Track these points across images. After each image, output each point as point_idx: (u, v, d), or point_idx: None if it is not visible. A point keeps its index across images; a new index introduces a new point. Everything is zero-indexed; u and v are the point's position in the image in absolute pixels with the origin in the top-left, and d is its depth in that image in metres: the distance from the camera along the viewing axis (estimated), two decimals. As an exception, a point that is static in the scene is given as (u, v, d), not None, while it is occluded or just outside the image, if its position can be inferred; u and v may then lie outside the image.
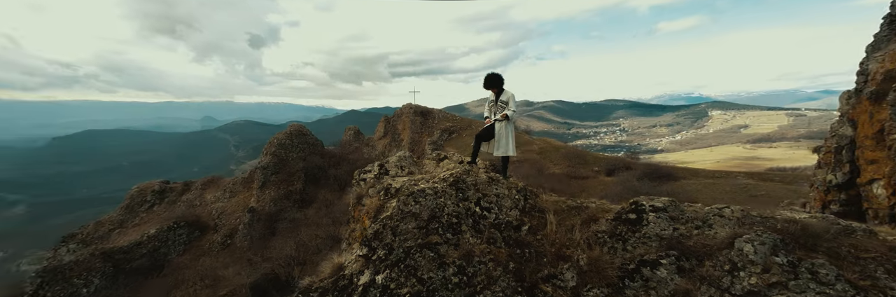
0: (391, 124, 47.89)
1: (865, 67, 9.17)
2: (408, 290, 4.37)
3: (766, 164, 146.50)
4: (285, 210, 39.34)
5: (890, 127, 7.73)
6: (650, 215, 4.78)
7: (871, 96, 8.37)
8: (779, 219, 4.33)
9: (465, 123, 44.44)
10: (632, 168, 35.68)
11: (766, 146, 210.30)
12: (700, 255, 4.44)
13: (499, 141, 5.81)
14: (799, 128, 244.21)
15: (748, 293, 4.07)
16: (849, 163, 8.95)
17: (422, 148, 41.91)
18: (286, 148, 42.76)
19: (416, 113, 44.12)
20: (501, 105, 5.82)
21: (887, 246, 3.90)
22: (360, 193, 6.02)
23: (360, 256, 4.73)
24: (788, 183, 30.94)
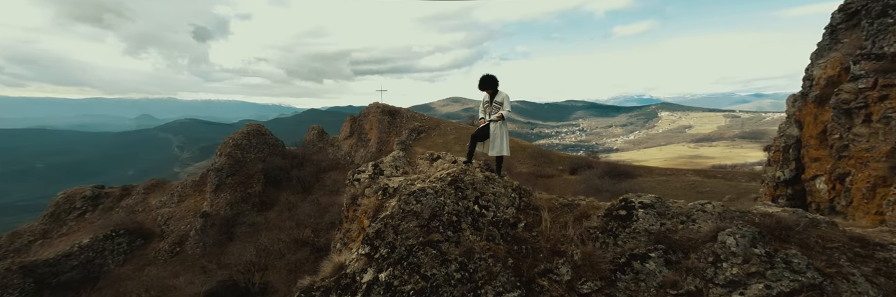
0: (357, 124, 47.23)
1: (810, 72, 10.27)
2: (411, 287, 4.45)
3: (707, 162, 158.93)
4: (243, 214, 37.69)
5: (832, 128, 8.71)
6: (639, 211, 5.12)
7: (815, 100, 9.39)
8: (755, 213, 4.79)
9: (434, 122, 44.60)
10: (593, 167, 37.27)
11: (708, 145, 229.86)
12: (686, 248, 4.81)
13: (494, 141, 5.97)
14: (734, 128, 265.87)
15: (730, 283, 4.46)
16: (795, 161, 9.96)
17: (390, 148, 41.61)
18: (243, 148, 41.07)
19: (383, 112, 43.82)
20: (496, 106, 5.98)
21: (848, 236, 4.43)
22: (354, 193, 6.02)
23: (363, 254, 4.75)
24: (729, 180, 33.73)
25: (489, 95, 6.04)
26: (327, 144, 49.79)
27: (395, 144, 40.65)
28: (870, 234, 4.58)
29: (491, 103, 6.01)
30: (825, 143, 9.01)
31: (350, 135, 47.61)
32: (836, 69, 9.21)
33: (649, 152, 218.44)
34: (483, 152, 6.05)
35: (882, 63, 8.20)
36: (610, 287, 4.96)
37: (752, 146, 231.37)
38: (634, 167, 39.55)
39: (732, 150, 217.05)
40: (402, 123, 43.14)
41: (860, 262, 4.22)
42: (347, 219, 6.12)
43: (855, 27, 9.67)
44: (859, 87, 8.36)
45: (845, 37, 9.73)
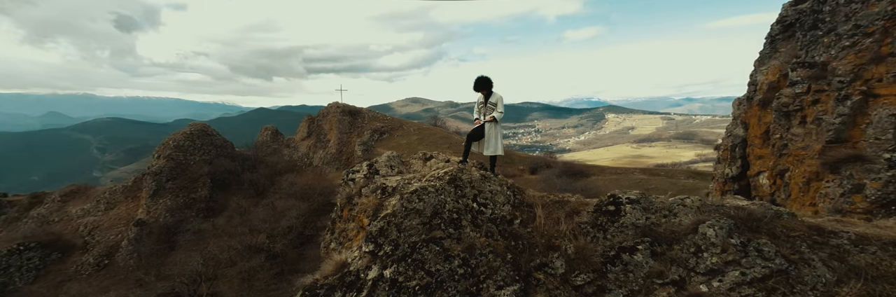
0: (316, 124, 45.84)
1: (754, 78, 11.52)
2: (417, 282, 4.58)
3: (649, 161, 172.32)
4: (187, 221, 35.38)
5: (774, 128, 9.84)
6: (626, 206, 5.52)
7: (759, 103, 10.57)
8: (728, 206, 5.33)
9: (397, 123, 44.29)
10: (551, 166, 38.77)
11: (648, 146, 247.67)
12: (670, 240, 5.26)
13: (488, 141, 6.19)
14: (670, 130, 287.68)
15: (710, 271, 4.95)
16: (741, 159, 11.14)
17: (351, 149, 40.79)
18: (186, 150, 38.54)
19: (344, 112, 42.89)
20: (490, 107, 6.21)
21: (806, 226, 5.07)
22: (350, 193, 6.05)
23: (367, 252, 4.79)
24: (670, 177, 36.87)
25: (484, 96, 6.25)
26: (282, 146, 47.85)
27: (356, 145, 39.95)
28: (823, 223, 5.27)
29: (485, 104, 6.23)
30: (768, 142, 10.18)
31: (308, 136, 46.12)
32: (776, 75, 10.41)
33: (598, 152, 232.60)
34: (478, 152, 6.24)
35: (814, 71, 9.39)
36: (601, 279, 5.31)
37: (685, 146, 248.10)
38: (588, 167, 41.66)
39: (669, 150, 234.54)
40: (364, 124, 42.48)
41: (818, 248, 4.85)
42: (342, 219, 6.13)
43: (790, 38, 10.98)
44: (796, 92, 9.51)
45: (783, 46, 11.01)
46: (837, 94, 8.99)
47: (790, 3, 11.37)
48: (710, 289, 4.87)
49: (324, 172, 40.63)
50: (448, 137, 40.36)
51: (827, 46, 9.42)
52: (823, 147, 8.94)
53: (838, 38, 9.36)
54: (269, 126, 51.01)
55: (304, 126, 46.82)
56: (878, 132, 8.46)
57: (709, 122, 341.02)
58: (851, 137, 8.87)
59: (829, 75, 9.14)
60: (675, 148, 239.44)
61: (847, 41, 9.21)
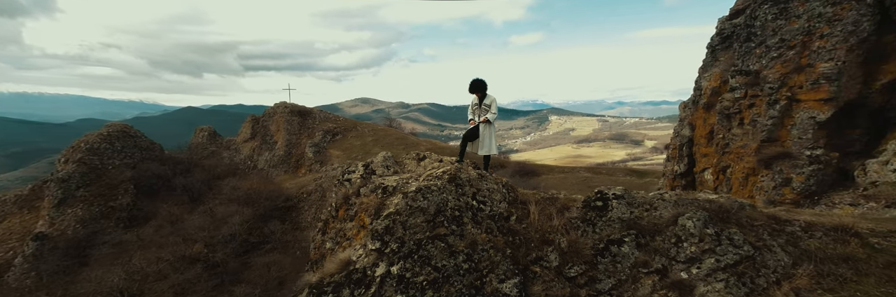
0: (261, 125, 43.39)
1: (699, 84, 12.90)
2: (424, 278, 4.72)
3: (587, 160, 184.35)
4: (104, 232, 32.04)
5: (717, 129, 11.13)
6: (613, 201, 5.97)
7: (704, 106, 11.89)
8: (701, 200, 5.95)
9: (350, 124, 43.12)
10: (505, 166, 40.15)
11: (587, 146, 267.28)
12: (652, 232, 5.77)
13: (483, 141, 6.49)
14: (604, 131, 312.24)
15: (689, 260, 5.51)
16: (688, 156, 12.45)
17: (301, 151, 39.09)
18: (103, 153, 34.88)
19: (292, 113, 40.99)
20: (485, 108, 6.50)
21: (766, 215, 5.81)
22: (346, 193, 6.10)
23: (373, 250, 4.84)
24: (611, 175, 39.83)
25: (478, 98, 6.52)
26: (222, 148, 44.69)
27: (307, 146, 38.38)
28: (777, 213, 6.07)
29: (480, 106, 6.50)
30: (712, 141, 11.46)
31: (251, 137, 43.54)
32: (718, 81, 11.75)
33: (542, 152, 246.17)
34: (472, 151, 6.43)
35: (750, 78, 10.71)
36: (592, 270, 5.70)
37: (618, 146, 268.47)
38: (538, 166, 43.51)
39: (604, 149, 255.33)
40: (315, 125, 40.91)
41: (776, 235, 5.58)
42: (337, 219, 6.09)
43: (728, 48, 12.42)
44: (735, 96, 10.79)
45: (722, 56, 12.43)
46: (768, 99, 10.36)
47: (726, 17, 12.89)
48: (689, 276, 5.43)
49: (270, 175, 38.58)
50: (404, 139, 40.14)
51: (759, 57, 10.82)
52: (758, 146, 10.24)
53: (767, 49, 10.78)
54: (205, 127, 47.39)
55: (248, 127, 44.13)
56: (800, 132, 9.88)
57: (637, 123, 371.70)
58: (780, 136, 10.26)
59: (762, 82, 10.51)
60: (610, 148, 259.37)
61: (774, 53, 10.64)
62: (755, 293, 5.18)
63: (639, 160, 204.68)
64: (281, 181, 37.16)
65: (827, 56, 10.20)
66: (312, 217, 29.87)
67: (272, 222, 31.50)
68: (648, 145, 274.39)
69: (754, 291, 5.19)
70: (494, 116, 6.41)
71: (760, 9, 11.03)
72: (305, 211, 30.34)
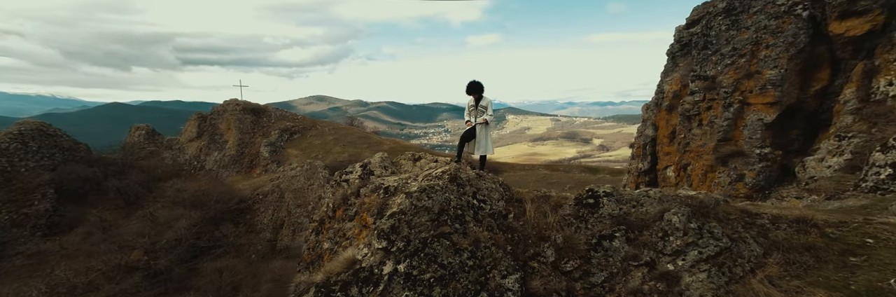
0: (209, 123, 40.91)
1: (661, 87, 13.85)
2: (431, 275, 4.83)
3: (542, 157, 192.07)
4: (16, 242, 29.08)
5: (679, 129, 12.02)
6: (604, 199, 6.27)
7: (666, 108, 12.79)
8: (682, 196, 6.40)
9: (309, 122, 41.62)
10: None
11: (541, 144, 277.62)
12: (640, 227, 6.14)
13: (479, 142, 6.68)
14: (557, 130, 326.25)
15: (675, 252, 5.91)
16: (651, 155, 13.33)
17: (255, 150, 37.27)
18: (12, 155, 31.60)
19: (245, 111, 39.00)
20: (481, 109, 6.70)
21: (739, 210, 6.36)
22: (345, 193, 6.12)
23: (380, 248, 4.89)
24: (567, 172, 41.70)
25: (475, 99, 6.69)
26: (162, 148, 41.63)
27: (261, 146, 36.69)
28: (748, 207, 6.67)
29: (476, 107, 6.68)
30: (674, 141, 12.35)
31: (198, 136, 40.92)
32: (679, 85, 12.67)
33: (501, 151, 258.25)
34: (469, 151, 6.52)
35: (707, 83, 11.66)
36: (587, 264, 5.98)
37: (570, 144, 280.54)
38: (500, 164, 44.45)
39: (558, 147, 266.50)
40: (271, 123, 39.18)
41: (748, 228, 6.13)
42: (335, 219, 6.06)
43: (687, 54, 13.42)
44: (695, 99, 11.69)
45: (682, 61, 13.41)
46: (723, 102, 11.36)
47: (683, 26, 13.93)
48: (675, 267, 5.83)
49: (221, 176, 36.53)
50: (367, 138, 39.43)
51: (715, 63, 11.81)
52: (716, 145, 11.19)
53: (722, 57, 11.80)
54: (142, 125, 43.91)
55: (193, 125, 41.47)
56: (751, 133, 10.91)
57: (586, 123, 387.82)
58: (734, 136, 11.27)
59: (718, 87, 11.49)
60: (563, 146, 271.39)
61: (728, 60, 11.66)
62: (733, 282, 5.67)
63: (588, 158, 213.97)
64: (233, 182, 35.31)
65: (772, 64, 11.34)
66: (269, 219, 28.67)
67: (224, 225, 29.87)
68: (596, 143, 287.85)
69: (732, 279, 5.68)
70: (491, 118, 6.59)
71: (715, 20, 12.08)
72: (261, 213, 29.03)
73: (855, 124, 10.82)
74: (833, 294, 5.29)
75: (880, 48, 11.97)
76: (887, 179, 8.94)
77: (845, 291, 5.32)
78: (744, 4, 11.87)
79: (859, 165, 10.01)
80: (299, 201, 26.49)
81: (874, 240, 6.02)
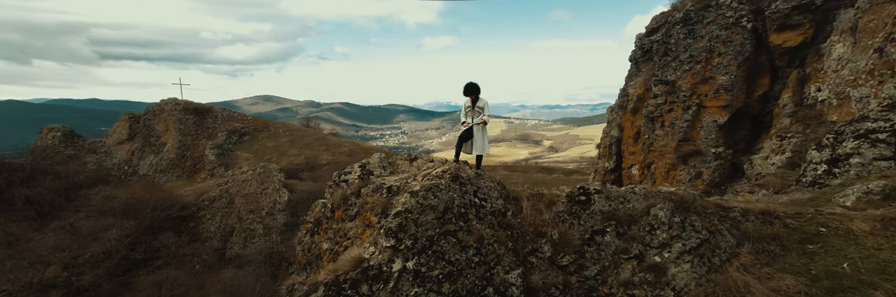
0: (143, 124, 37.84)
1: (626, 91, 14.80)
2: (439, 272, 4.97)
3: (498, 158, 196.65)
4: None
5: (644, 130, 12.90)
6: (595, 196, 6.64)
7: (631, 110, 13.70)
8: (664, 192, 6.90)
9: (261, 124, 39.52)
10: None
11: (495, 145, 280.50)
12: (628, 222, 6.55)
13: (476, 142, 6.88)
14: (510, 132, 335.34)
15: (661, 245, 6.37)
16: (616, 154, 14.19)
17: (199, 153, 34.93)
18: None
19: (187, 111, 36.44)
20: (478, 110, 6.93)
21: (715, 204, 6.97)
22: (345, 193, 6.06)
23: (388, 247, 5.00)
24: (525, 172, 42.86)
25: (471, 100, 6.92)
26: (84, 151, 37.89)
27: (207, 148, 34.47)
28: (720, 202, 7.33)
29: (473, 108, 6.91)
30: (638, 141, 13.24)
31: (129, 138, 37.74)
32: (642, 89, 13.60)
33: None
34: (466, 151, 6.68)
35: (668, 87, 12.63)
36: (581, 258, 6.30)
37: (523, 146, 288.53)
38: None
39: (511, 149, 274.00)
40: (217, 125, 36.88)
41: (723, 220, 6.74)
42: (334, 219, 5.99)
43: (649, 60, 14.44)
44: (657, 102, 12.61)
45: (644, 67, 14.42)
46: (683, 104, 12.38)
47: (643, 34, 15.01)
48: (662, 259, 6.29)
49: (158, 181, 33.86)
50: (325, 139, 38.16)
51: (674, 69, 12.84)
52: (677, 145, 12.13)
53: (680, 63, 12.85)
54: (56, 126, 39.60)
55: (123, 126, 38.10)
56: (707, 133, 11.97)
57: (537, 125, 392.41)
58: (693, 137, 12.28)
59: (678, 91, 12.50)
60: (516, 147, 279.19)
61: (686, 66, 12.72)
62: (713, 271, 6.22)
63: (539, 158, 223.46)
64: (173, 188, 32.93)
65: (723, 70, 12.53)
66: (216, 227, 27.09)
67: (165, 234, 27.90)
68: (546, 145, 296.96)
69: (712, 269, 6.23)
70: (488, 118, 6.88)
71: (674, 29, 13.17)
72: (208, 220, 27.35)
73: (792, 126, 12.23)
74: (798, 279, 5.96)
75: (810, 58, 13.56)
76: (823, 174, 10.14)
77: (808, 275, 6.01)
78: (698, 15, 13.03)
79: (799, 162, 11.31)
80: (252, 207, 25.28)
81: (826, 229, 6.84)
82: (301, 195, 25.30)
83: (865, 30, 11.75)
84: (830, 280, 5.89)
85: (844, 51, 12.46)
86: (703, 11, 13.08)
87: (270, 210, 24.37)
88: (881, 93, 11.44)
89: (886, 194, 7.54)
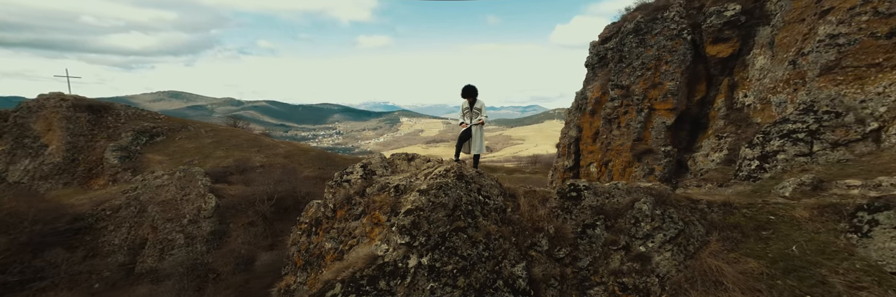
0: (13, 123, 32.76)
1: (584, 94, 15.98)
2: (453, 266, 5.16)
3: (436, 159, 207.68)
4: None
5: (602, 131, 14.06)
6: (584, 192, 7.21)
7: (590, 112, 14.86)
8: (643, 188, 7.68)
9: (177, 123, 35.81)
10: None
11: (434, 146, 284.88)
12: (615, 216, 7.18)
13: (474, 142, 7.25)
14: (448, 132, 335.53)
15: (645, 236, 7.07)
16: (575, 153, 15.27)
17: (96, 156, 30.86)
18: None
19: (77, 108, 31.96)
20: (476, 111, 7.26)
21: (685, 198, 7.85)
22: (347, 193, 6.10)
23: (402, 244, 5.15)
24: None
25: (469, 102, 7.24)
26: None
27: (107, 150, 30.44)
28: (688, 195, 8.31)
29: (471, 109, 7.26)
30: (597, 140, 14.39)
31: (-5, 139, 32.46)
32: (599, 92, 14.80)
33: (394, 152, 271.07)
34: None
35: (623, 91, 13.89)
36: (575, 250, 6.81)
37: None
38: None
39: (450, 150, 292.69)
40: (120, 124, 32.81)
41: (693, 212, 7.62)
42: (336, 219, 5.93)
43: (605, 66, 15.73)
44: (614, 105, 13.82)
45: (600, 72, 15.67)
46: (636, 107, 13.70)
47: (597, 42, 16.38)
48: (646, 249, 6.99)
49: (36, 190, 29.52)
50: (256, 140, 35.67)
51: (628, 75, 14.16)
52: (632, 144, 13.38)
53: (634, 70, 14.21)
54: None
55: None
56: (657, 134, 13.36)
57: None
58: (645, 137, 13.62)
59: (632, 95, 13.80)
60: (454, 148, 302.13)
61: (639, 72, 14.09)
62: (689, 258, 7.06)
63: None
64: (59, 197, 28.92)
65: (670, 77, 14.07)
66: (122, 239, 24.48)
67: (52, 250, 24.64)
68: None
69: (688, 256, 7.06)
70: (486, 119, 7.23)
71: (627, 38, 14.54)
72: (111, 232, 24.50)
73: (726, 127, 14.09)
74: (759, 262, 6.96)
75: (737, 68, 15.64)
76: (756, 169, 11.80)
77: (766, 258, 7.04)
78: (648, 26, 14.52)
79: (734, 159, 13.07)
80: (170, 215, 23.09)
81: (775, 217, 8.04)
82: (231, 200, 23.72)
83: (781, 45, 13.82)
84: (784, 262, 6.95)
85: (765, 62, 14.53)
86: (651, 23, 14.59)
87: (194, 218, 22.52)
88: (796, 99, 13.50)
89: (815, 186, 9.00)
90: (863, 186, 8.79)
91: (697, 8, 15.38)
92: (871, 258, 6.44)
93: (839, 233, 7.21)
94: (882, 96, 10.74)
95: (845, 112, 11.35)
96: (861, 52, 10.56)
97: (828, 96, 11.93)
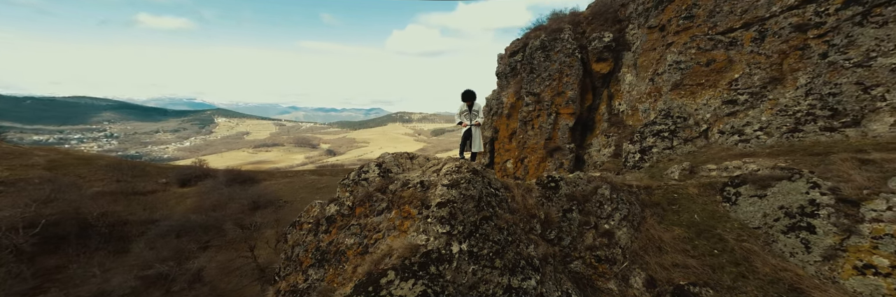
0: None
1: (500, 100, 16.54)
2: (487, 251, 5.30)
3: (267, 165, 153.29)
4: None
5: (518, 131, 14.78)
6: (560, 182, 7.45)
7: (506, 116, 15.49)
8: (597, 177, 8.20)
9: None
10: (212, 176, 34.43)
11: (265, 150, 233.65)
12: (584, 200, 7.58)
13: (474, 141, 7.30)
14: (283, 135, 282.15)
15: (607, 216, 7.58)
16: (491, 152, 15.83)
17: None
18: None
19: None
20: (475, 113, 7.31)
21: (624, 183, 8.64)
22: (367, 191, 6.01)
23: (443, 233, 5.20)
24: (335, 176, 40.28)
25: (468, 105, 7.30)
26: None
27: None
28: (625, 181, 9.11)
29: (470, 111, 7.33)
30: (513, 140, 15.06)
31: None
32: (514, 98, 15.51)
33: (211, 159, 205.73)
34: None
35: (535, 97, 14.78)
36: (560, 232, 7.01)
37: (300, 150, 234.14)
38: (257, 172, 39.67)
39: (287, 154, 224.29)
40: None
41: (631, 194, 8.44)
42: (354, 216, 5.82)
43: (516, 76, 16.57)
44: (529, 109, 14.61)
45: (512, 80, 16.46)
46: (546, 111, 14.70)
47: (507, 54, 17.19)
48: (610, 226, 7.51)
49: None
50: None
51: (538, 83, 15.13)
52: (544, 143, 14.32)
53: (543, 80, 15.24)
54: None
55: None
56: (562, 134, 14.54)
57: (313, 128, 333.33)
58: (554, 136, 14.70)
59: (542, 101, 14.78)
60: (292, 152, 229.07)
61: (547, 82, 15.16)
62: (637, 231, 7.77)
63: (316, 163, 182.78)
64: None
65: (570, 87, 15.45)
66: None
67: None
68: (324, 148, 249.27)
69: (636, 229, 7.77)
70: (484, 120, 7.17)
71: (536, 53, 15.57)
72: None
73: (610, 128, 16.08)
74: (680, 228, 7.98)
75: (613, 82, 17.87)
76: (639, 160, 13.58)
77: (682, 226, 8.09)
78: (551, 44, 15.73)
79: (620, 153, 14.97)
80: None
81: (677, 195, 9.33)
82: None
83: (642, 66, 16.07)
84: (694, 227, 8.06)
85: (632, 79, 16.76)
86: (553, 42, 15.81)
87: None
88: (657, 107, 15.79)
89: (690, 170, 10.61)
90: (718, 168, 10.39)
91: (582, 33, 17.03)
92: (741, 219, 7.65)
93: (718, 203, 8.43)
94: (707, 106, 12.92)
95: (688, 117, 13.39)
96: (693, 74, 12.65)
97: (678, 105, 13.98)
